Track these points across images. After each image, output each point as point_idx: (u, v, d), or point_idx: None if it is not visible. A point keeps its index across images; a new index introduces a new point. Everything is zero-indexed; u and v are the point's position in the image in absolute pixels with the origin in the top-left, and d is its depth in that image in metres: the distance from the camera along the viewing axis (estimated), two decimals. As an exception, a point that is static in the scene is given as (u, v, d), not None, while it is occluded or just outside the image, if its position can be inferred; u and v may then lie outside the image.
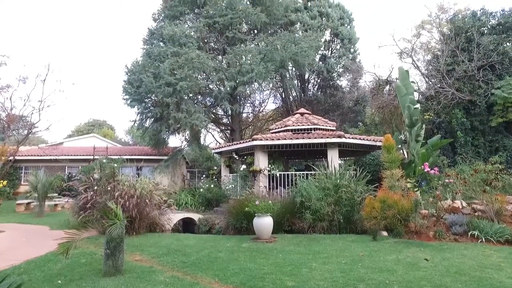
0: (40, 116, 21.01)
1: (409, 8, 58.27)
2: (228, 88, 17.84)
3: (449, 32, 17.43)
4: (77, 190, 9.99)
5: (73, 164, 22.24)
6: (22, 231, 9.63)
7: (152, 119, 18.44)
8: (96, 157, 20.18)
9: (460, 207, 8.84)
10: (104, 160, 12.63)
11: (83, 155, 22.07)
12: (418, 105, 11.51)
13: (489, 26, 16.98)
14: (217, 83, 19.17)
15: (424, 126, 11.24)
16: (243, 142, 13.16)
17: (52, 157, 21.41)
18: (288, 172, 12.29)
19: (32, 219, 12.03)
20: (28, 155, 22.11)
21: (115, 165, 10.54)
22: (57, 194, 17.11)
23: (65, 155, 21.85)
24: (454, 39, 16.59)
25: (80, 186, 9.88)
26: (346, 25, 24.88)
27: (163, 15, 20.44)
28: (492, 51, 15.78)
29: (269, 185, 11.71)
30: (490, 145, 15.99)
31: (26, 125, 22.29)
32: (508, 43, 16.18)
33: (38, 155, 21.99)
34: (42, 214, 12.86)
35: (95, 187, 9.25)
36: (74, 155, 22.16)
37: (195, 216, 12.51)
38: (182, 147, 22.45)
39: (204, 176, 19.44)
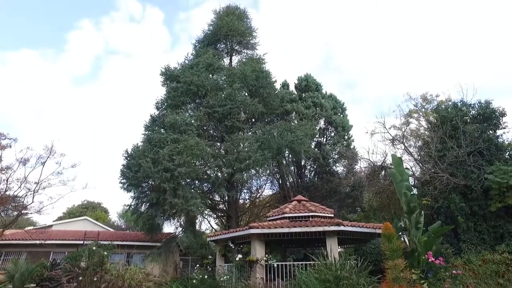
0: (34, 198, 20.35)
1: (396, 96, 62.85)
2: (225, 175, 18.03)
3: (435, 121, 18.45)
4: (59, 280, 9.29)
5: (60, 250, 20.82)
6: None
7: (148, 204, 18.16)
8: (86, 242, 19.22)
9: (473, 302, 8.18)
10: (94, 248, 12.01)
11: (72, 240, 20.98)
12: (414, 191, 11.56)
13: (471, 116, 18.03)
14: (215, 169, 19.39)
15: (423, 212, 11.08)
16: (240, 230, 12.80)
17: (37, 242, 19.94)
18: (286, 263, 11.67)
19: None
20: (12, 239, 20.53)
21: (105, 253, 10.02)
22: (35, 285, 15.72)
23: (52, 240, 20.54)
24: (441, 127, 17.46)
25: (63, 276, 9.23)
26: (339, 114, 26.48)
27: (165, 104, 21.64)
28: (477, 138, 16.46)
29: (266, 276, 11.02)
30: (494, 231, 15.45)
31: (16, 207, 21.37)
32: (491, 131, 17.00)
33: (22, 239, 20.47)
34: (12, 311, 11.64)
35: (80, 278, 8.64)
36: (62, 240, 20.96)
37: (186, 312, 11.40)
38: (177, 233, 21.63)
39: (198, 265, 18.34)
